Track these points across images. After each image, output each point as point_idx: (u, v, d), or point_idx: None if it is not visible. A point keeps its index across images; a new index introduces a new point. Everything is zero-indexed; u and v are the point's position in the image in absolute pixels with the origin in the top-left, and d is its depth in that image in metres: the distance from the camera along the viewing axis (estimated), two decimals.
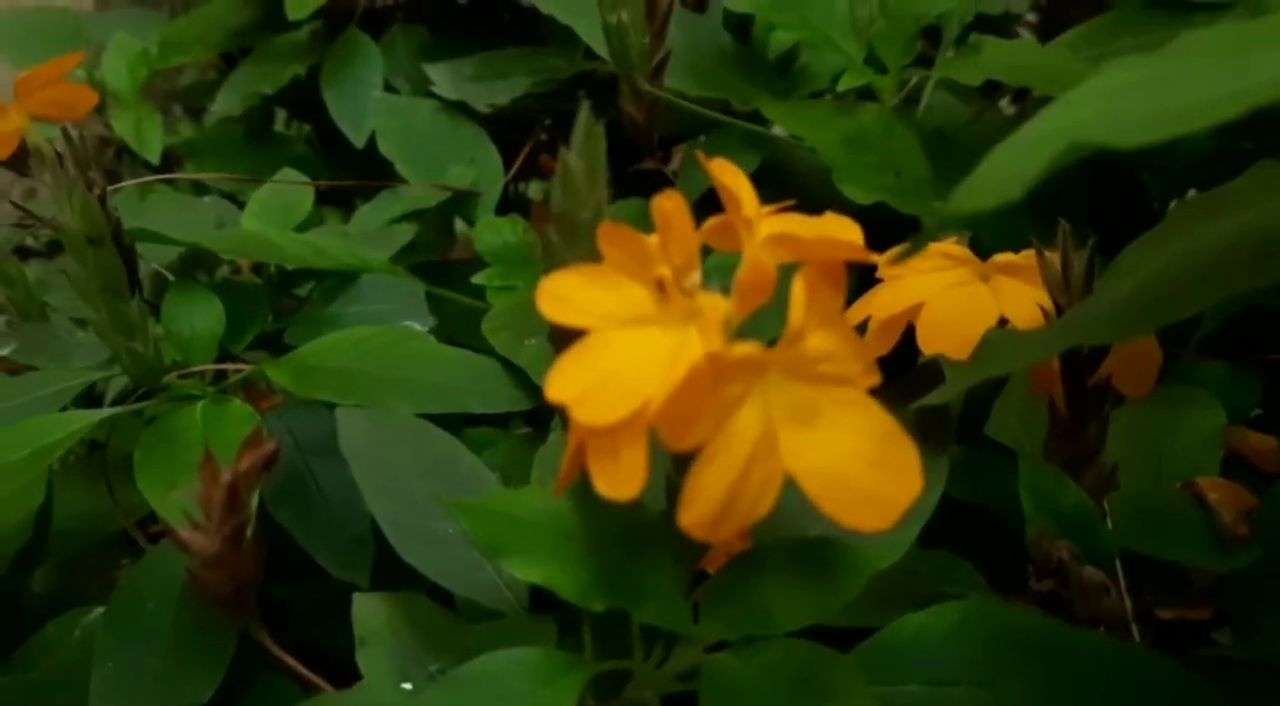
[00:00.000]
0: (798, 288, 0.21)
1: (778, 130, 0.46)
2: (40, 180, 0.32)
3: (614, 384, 0.20)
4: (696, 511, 0.20)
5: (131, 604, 0.38)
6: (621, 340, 0.20)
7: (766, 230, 0.21)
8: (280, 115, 0.74)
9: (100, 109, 0.67)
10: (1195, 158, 0.46)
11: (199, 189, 0.61)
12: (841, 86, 0.42)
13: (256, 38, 0.65)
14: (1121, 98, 0.19)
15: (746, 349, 0.20)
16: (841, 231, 0.22)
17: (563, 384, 0.20)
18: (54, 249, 0.58)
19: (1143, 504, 0.30)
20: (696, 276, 0.22)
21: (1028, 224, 0.34)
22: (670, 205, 0.21)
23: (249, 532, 0.26)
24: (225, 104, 0.63)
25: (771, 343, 0.21)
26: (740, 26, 0.48)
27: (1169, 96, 0.18)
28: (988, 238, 0.37)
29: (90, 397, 0.48)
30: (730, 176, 0.22)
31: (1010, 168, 0.18)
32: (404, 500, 0.29)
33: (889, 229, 0.36)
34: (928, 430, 0.28)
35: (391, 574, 0.32)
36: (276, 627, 0.35)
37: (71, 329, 0.47)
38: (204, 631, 0.37)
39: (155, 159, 0.63)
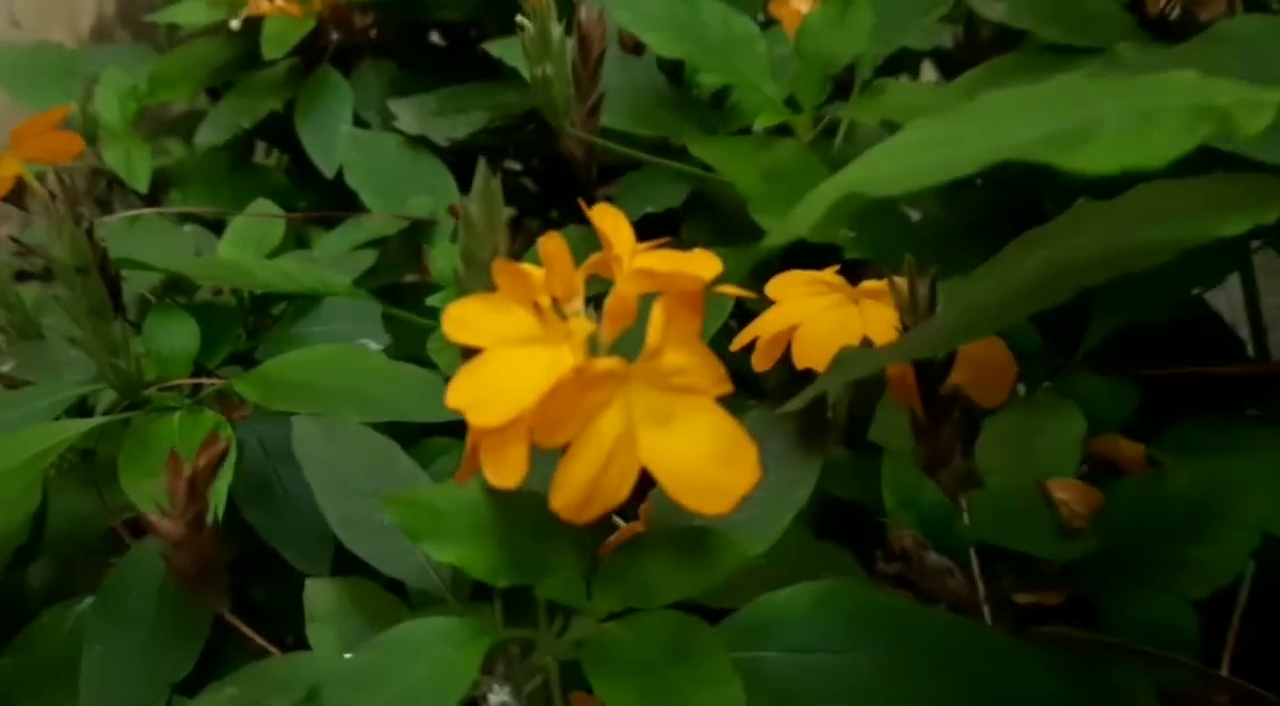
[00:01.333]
0: (656, 313, 0.25)
1: None
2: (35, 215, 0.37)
3: (500, 393, 0.24)
4: (564, 497, 0.24)
5: (117, 594, 0.42)
6: (508, 356, 0.25)
7: (634, 265, 0.26)
8: (261, 144, 0.79)
9: (93, 141, 0.72)
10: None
11: (184, 216, 0.66)
12: (758, 125, 0.47)
13: (238, 74, 0.70)
14: (903, 153, 0.24)
15: (608, 363, 0.24)
16: (700, 267, 0.27)
17: (459, 393, 0.25)
18: (49, 273, 0.63)
19: (998, 501, 0.35)
20: (578, 303, 0.26)
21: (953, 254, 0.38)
22: (553, 246, 0.26)
23: (209, 519, 0.31)
24: (208, 136, 0.68)
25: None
26: (674, 69, 0.53)
27: (930, 154, 0.23)
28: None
29: (82, 409, 0.53)
30: (607, 220, 0.27)
31: (805, 212, 0.23)
32: (349, 496, 0.34)
33: (811, 255, 0.41)
34: (806, 433, 0.33)
35: (351, 567, 0.37)
36: (255, 624, 0.40)
37: (65, 347, 0.51)
38: (181, 617, 0.42)
39: (144, 189, 0.68)
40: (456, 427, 0.45)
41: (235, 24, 0.65)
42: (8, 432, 0.44)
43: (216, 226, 0.60)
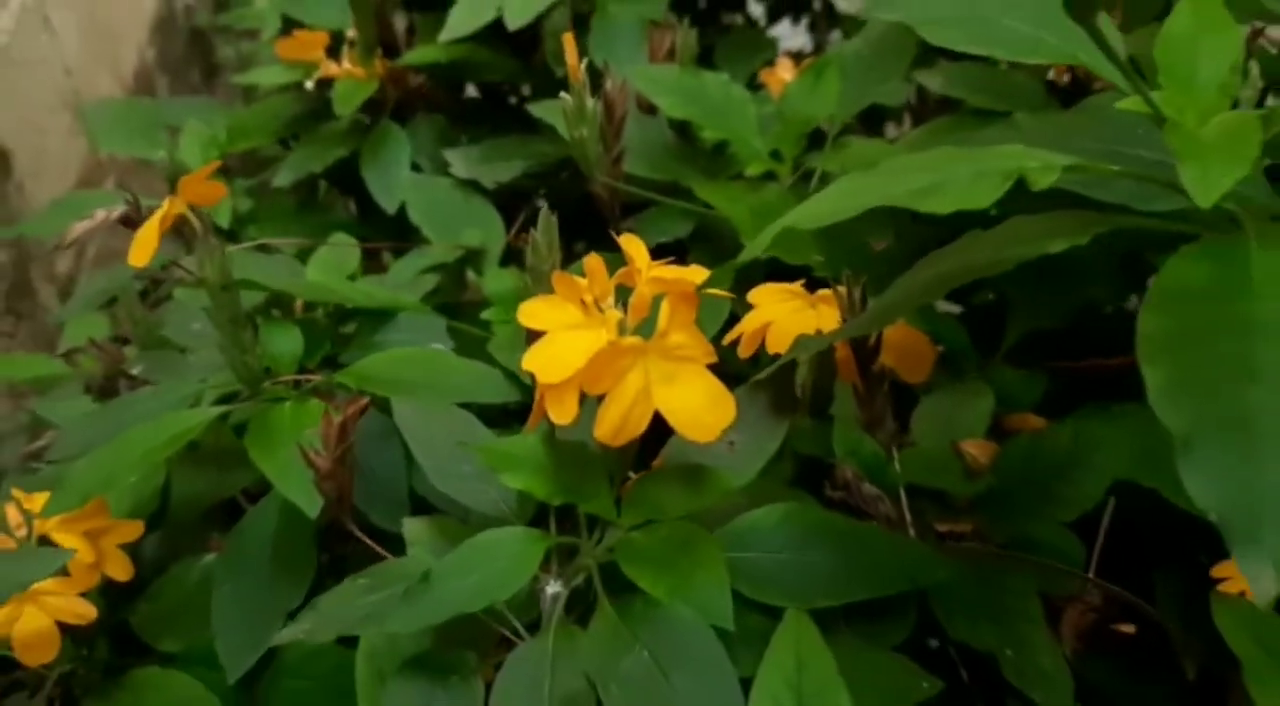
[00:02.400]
0: (664, 307, 0.38)
1: None
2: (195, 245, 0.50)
3: (559, 360, 0.38)
4: (603, 430, 0.38)
5: (241, 546, 0.55)
6: (563, 337, 0.38)
7: (649, 275, 0.39)
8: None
9: (177, 182, 0.86)
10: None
11: (260, 247, 0.80)
12: (749, 172, 0.60)
13: (307, 126, 0.84)
14: (827, 199, 0.37)
15: (632, 341, 0.38)
16: (693, 276, 0.40)
17: (531, 360, 0.38)
18: (159, 297, 0.76)
19: (922, 454, 0.48)
20: (610, 301, 0.40)
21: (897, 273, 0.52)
22: (594, 263, 0.39)
23: (347, 459, 0.44)
24: (282, 179, 0.82)
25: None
26: (682, 126, 0.66)
27: (841, 201, 0.36)
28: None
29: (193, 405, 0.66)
30: (630, 245, 0.40)
31: (759, 242, 0.36)
32: (440, 454, 0.47)
33: (791, 273, 0.54)
34: (777, 404, 0.46)
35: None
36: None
37: (179, 353, 0.65)
38: (293, 562, 0.55)
39: (225, 225, 0.81)
40: (507, 410, 0.58)
41: (309, 84, 0.80)
42: (143, 422, 0.57)
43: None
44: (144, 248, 0.48)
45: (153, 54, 2.06)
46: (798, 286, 0.48)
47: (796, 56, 0.94)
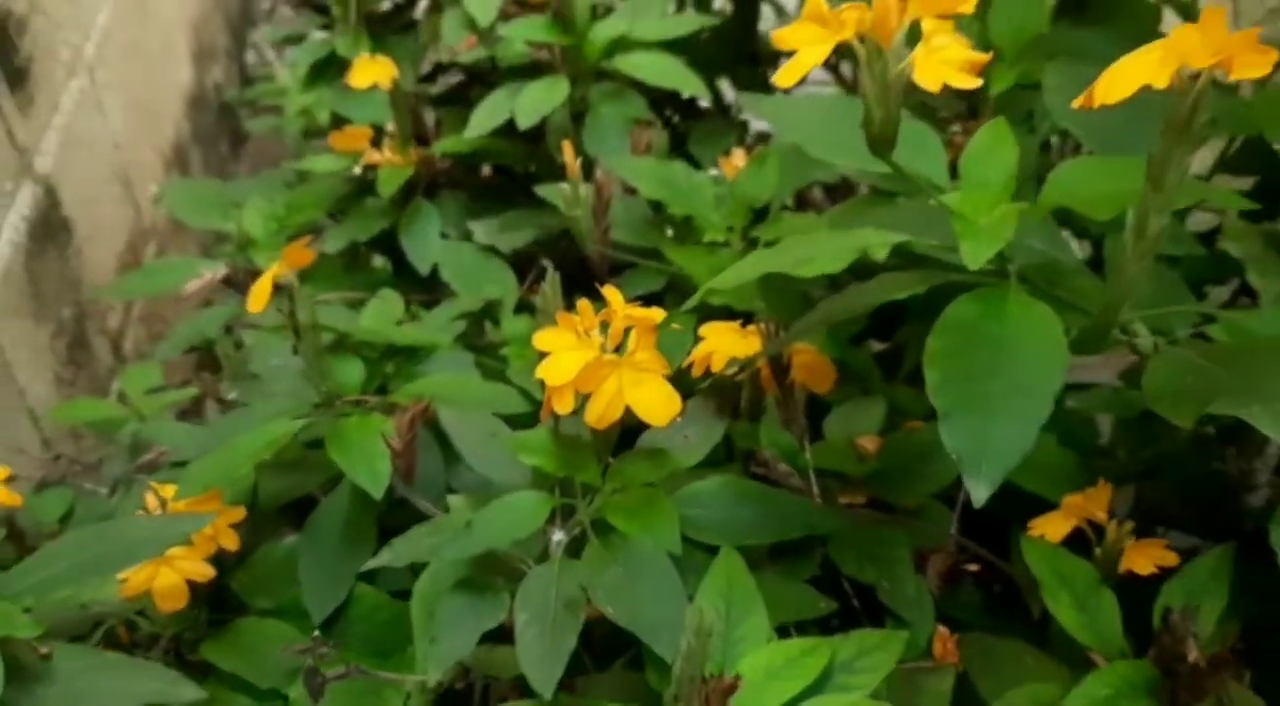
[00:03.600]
0: (632, 335, 0.58)
1: None
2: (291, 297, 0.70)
3: (561, 369, 0.57)
4: (591, 416, 0.57)
5: (319, 524, 0.74)
6: (564, 354, 0.58)
7: (622, 314, 0.59)
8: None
9: (244, 248, 1.06)
10: None
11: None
12: (707, 239, 0.81)
13: (353, 202, 1.04)
14: (747, 264, 0.57)
15: (610, 357, 0.57)
16: (654, 315, 0.59)
17: (543, 371, 0.57)
18: (238, 337, 0.96)
19: (827, 446, 0.67)
20: (596, 331, 0.59)
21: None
22: (584, 306, 0.59)
23: (413, 444, 0.64)
24: (332, 245, 1.02)
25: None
26: (656, 204, 0.87)
27: (752, 266, 0.56)
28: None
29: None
30: (611, 294, 0.60)
31: (698, 296, 0.56)
32: (474, 444, 0.66)
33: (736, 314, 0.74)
34: (719, 409, 0.66)
35: None
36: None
37: (263, 382, 0.84)
38: (358, 536, 0.74)
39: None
40: (521, 418, 0.78)
41: (357, 170, 1.00)
42: (243, 433, 0.77)
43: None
44: (259, 298, 0.68)
45: (187, 128, 2.30)
46: (736, 324, 0.68)
47: (765, 137, 1.15)
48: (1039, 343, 0.49)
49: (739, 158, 0.86)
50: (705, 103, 1.13)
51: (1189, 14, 0.89)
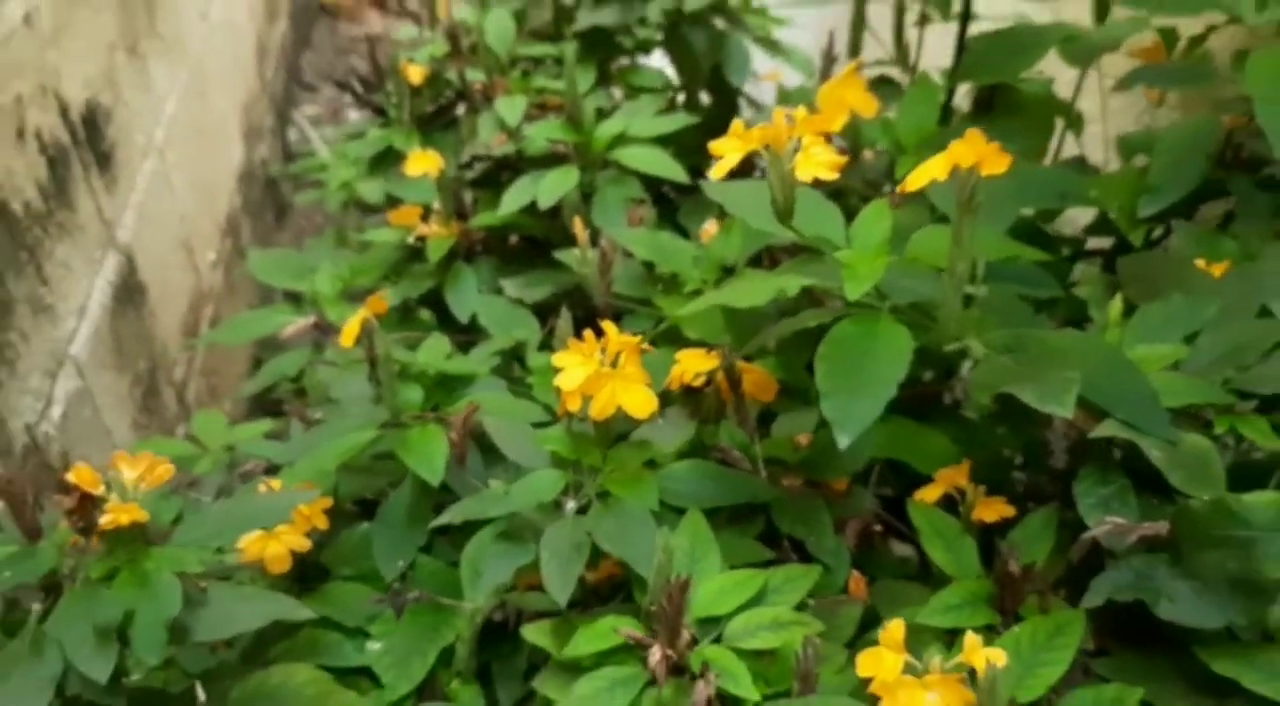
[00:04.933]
0: (622, 356, 0.84)
1: None
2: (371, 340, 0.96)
3: (570, 379, 0.83)
4: (593, 411, 0.83)
5: (389, 509, 1.00)
6: (574, 369, 0.84)
7: (616, 341, 0.85)
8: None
9: (315, 302, 1.34)
10: None
11: None
12: (688, 290, 1.07)
13: (405, 266, 1.32)
14: (696, 303, 0.83)
15: (607, 371, 0.83)
16: (637, 341, 0.86)
17: (559, 380, 0.83)
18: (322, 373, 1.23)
19: (774, 441, 0.93)
20: (598, 354, 0.85)
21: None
22: (589, 337, 0.85)
23: (466, 438, 0.90)
24: (389, 300, 1.29)
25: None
26: (648, 264, 1.13)
27: (705, 302, 0.82)
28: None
29: None
30: (610, 329, 0.86)
31: (666, 324, 0.82)
32: (510, 441, 0.92)
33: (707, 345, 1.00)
34: (691, 411, 0.92)
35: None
36: None
37: (340, 405, 1.11)
38: (418, 519, 0.99)
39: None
40: (541, 425, 1.04)
41: (411, 240, 1.28)
42: (330, 441, 1.03)
43: None
44: (350, 334, 0.95)
45: (239, 201, 2.62)
46: (703, 350, 0.94)
47: None
48: (891, 350, 0.75)
49: (713, 226, 1.13)
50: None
51: (1070, 118, 1.17)
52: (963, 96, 1.26)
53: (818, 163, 0.73)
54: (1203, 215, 1.06)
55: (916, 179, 0.69)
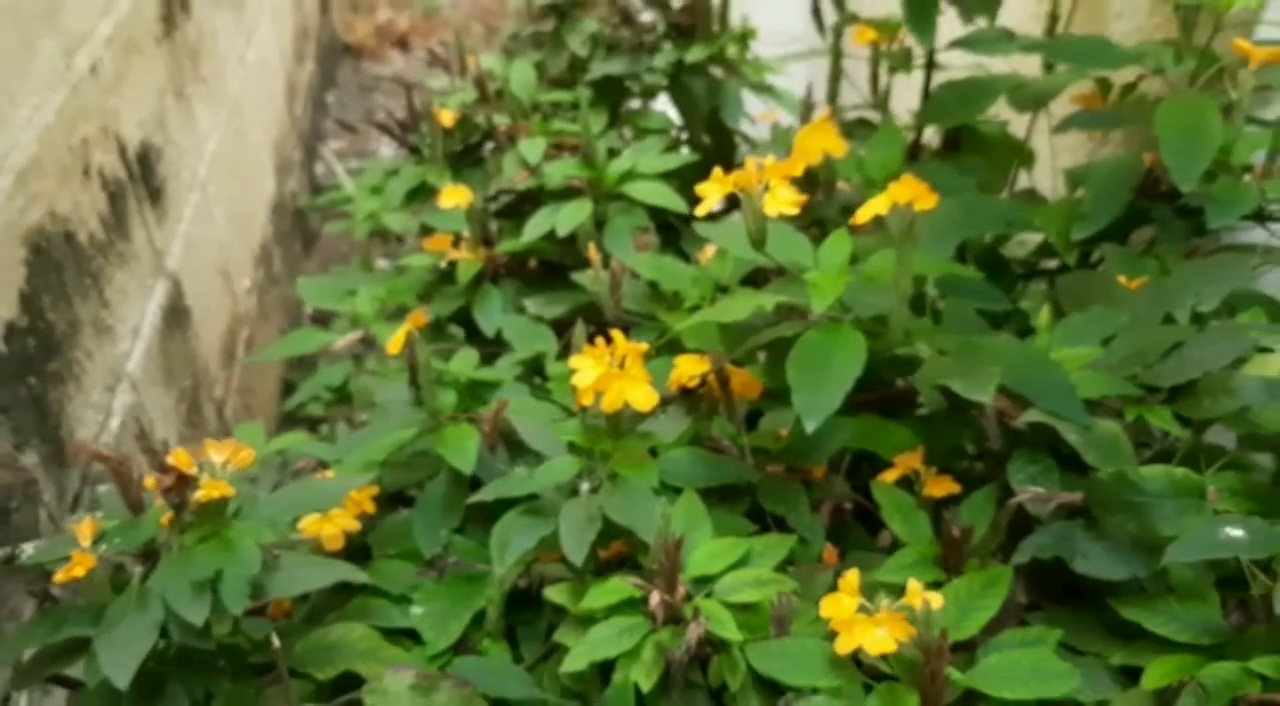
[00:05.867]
0: (628, 361, 1.02)
1: None
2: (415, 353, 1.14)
3: (585, 377, 1.00)
4: (605, 405, 1.00)
5: (428, 496, 1.17)
6: (588, 369, 1.01)
7: (621, 347, 1.02)
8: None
9: (357, 321, 1.52)
10: None
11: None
12: (688, 305, 1.24)
13: (436, 288, 1.49)
14: (700, 315, 1.01)
15: (614, 371, 1.01)
16: (640, 348, 1.03)
17: (575, 378, 1.01)
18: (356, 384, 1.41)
19: (761, 433, 1.10)
20: (608, 357, 1.03)
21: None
22: (600, 343, 1.03)
23: (496, 430, 1.07)
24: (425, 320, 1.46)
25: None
26: (653, 283, 1.30)
27: (697, 321, 1.00)
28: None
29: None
30: (618, 338, 1.03)
31: (669, 336, 0.99)
32: (534, 434, 1.10)
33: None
34: (687, 407, 1.09)
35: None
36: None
37: (383, 408, 1.28)
38: (453, 504, 1.16)
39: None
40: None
41: (443, 264, 1.45)
42: (374, 440, 1.20)
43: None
44: (396, 345, 1.13)
45: (271, 231, 2.82)
46: (697, 356, 1.11)
47: None
48: (849, 353, 0.92)
49: (709, 251, 1.31)
50: None
51: (1022, 155, 1.35)
52: (935, 135, 1.44)
53: (782, 201, 0.90)
54: (1135, 239, 1.23)
55: (864, 214, 0.87)
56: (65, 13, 1.56)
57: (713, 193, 0.92)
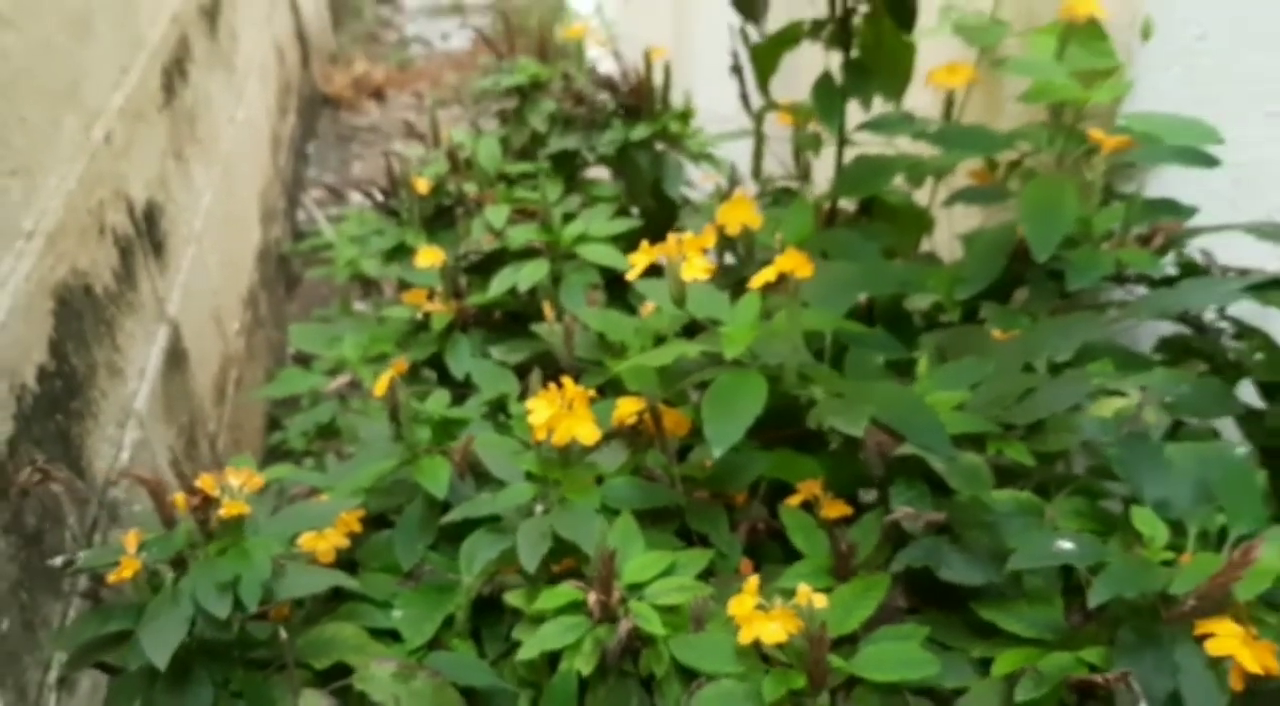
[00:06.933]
0: (575, 403, 1.22)
1: None
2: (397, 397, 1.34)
3: (539, 416, 1.20)
4: (555, 439, 1.20)
5: (407, 518, 1.37)
6: (541, 410, 1.21)
7: (571, 390, 1.23)
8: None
9: (343, 364, 1.72)
10: None
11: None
12: (630, 354, 1.45)
13: (412, 336, 1.69)
14: (634, 361, 1.21)
15: (564, 411, 1.21)
16: (585, 392, 1.23)
17: (531, 417, 1.21)
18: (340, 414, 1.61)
19: (690, 464, 1.30)
20: (560, 401, 1.23)
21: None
22: (551, 389, 1.23)
23: (466, 461, 1.27)
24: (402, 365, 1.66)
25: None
26: (601, 334, 1.51)
27: (636, 361, 1.20)
28: None
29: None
30: (569, 384, 1.24)
31: (608, 376, 1.20)
32: (496, 462, 1.30)
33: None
34: (627, 441, 1.29)
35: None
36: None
37: (366, 443, 1.48)
38: (426, 525, 1.36)
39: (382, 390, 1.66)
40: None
41: (419, 315, 1.66)
42: (360, 470, 1.40)
43: None
44: (381, 387, 1.33)
45: (257, 277, 3.01)
46: (637, 398, 1.31)
47: None
48: (753, 393, 1.12)
49: (650, 306, 1.51)
50: None
51: (926, 224, 1.56)
52: (852, 202, 1.66)
53: (697, 268, 1.11)
54: (1017, 297, 1.45)
55: (757, 281, 1.08)
56: (85, 89, 1.77)
57: (641, 260, 1.13)
